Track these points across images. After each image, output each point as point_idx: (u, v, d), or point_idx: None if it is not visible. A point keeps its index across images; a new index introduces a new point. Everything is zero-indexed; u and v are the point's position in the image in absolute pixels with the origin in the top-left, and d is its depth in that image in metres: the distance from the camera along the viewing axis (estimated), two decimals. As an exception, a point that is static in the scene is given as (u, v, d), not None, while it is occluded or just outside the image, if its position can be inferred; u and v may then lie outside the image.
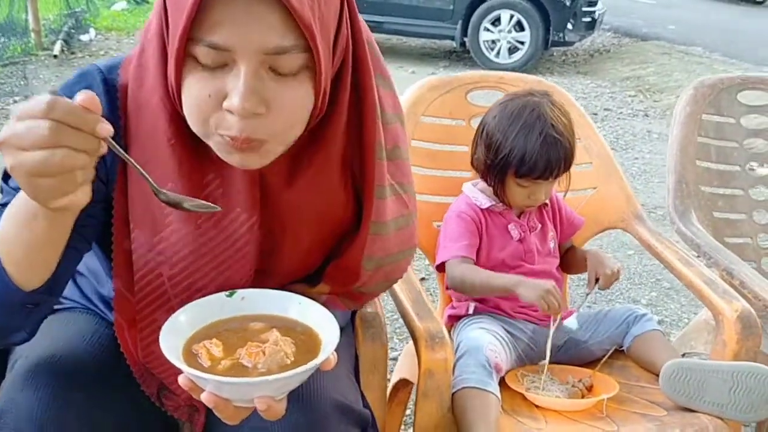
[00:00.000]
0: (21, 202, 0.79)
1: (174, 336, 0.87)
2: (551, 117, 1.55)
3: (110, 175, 0.94)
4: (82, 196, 0.73)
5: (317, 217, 0.98)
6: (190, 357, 0.85)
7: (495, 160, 1.57)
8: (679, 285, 3.03)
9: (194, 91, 0.82)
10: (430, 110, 1.80)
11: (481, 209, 1.63)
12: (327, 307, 0.95)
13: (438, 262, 1.62)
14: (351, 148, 0.97)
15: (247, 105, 0.79)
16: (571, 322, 1.58)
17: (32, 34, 6.89)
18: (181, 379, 0.82)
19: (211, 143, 0.86)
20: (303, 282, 1.04)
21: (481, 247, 1.61)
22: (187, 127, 0.87)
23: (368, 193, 0.98)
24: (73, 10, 8.63)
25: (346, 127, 0.95)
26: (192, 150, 0.89)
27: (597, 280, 1.57)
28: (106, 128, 0.71)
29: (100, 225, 0.94)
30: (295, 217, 0.97)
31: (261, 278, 0.99)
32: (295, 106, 0.84)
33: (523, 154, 1.52)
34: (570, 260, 1.72)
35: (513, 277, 1.54)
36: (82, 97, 0.70)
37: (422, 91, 1.80)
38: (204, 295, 0.93)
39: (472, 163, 1.65)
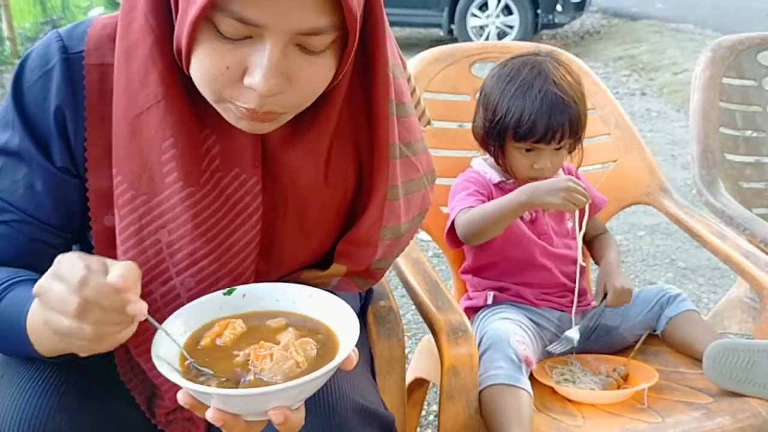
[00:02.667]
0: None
1: (167, 346, 0.75)
2: (553, 74, 1.42)
3: (79, 165, 0.87)
4: (122, 338, 0.74)
5: (320, 184, 0.90)
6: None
7: (493, 122, 1.44)
8: (695, 264, 2.94)
9: (210, 62, 0.75)
10: (433, 86, 1.67)
11: (492, 184, 1.50)
12: (339, 291, 0.88)
13: (447, 226, 1.48)
14: (356, 106, 0.89)
15: (271, 84, 0.74)
16: (572, 332, 1.43)
17: (7, 43, 6.74)
18: (180, 397, 0.73)
19: (220, 108, 0.80)
20: (313, 268, 0.96)
21: None
22: (182, 82, 0.81)
23: (383, 154, 0.90)
24: (49, 18, 8.47)
25: (350, 86, 0.87)
26: (188, 104, 0.82)
27: (605, 295, 1.44)
28: (138, 308, 0.71)
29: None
30: (298, 181, 0.89)
31: (266, 263, 0.91)
32: (318, 81, 0.80)
33: (521, 114, 1.39)
34: (596, 250, 1.57)
35: (522, 189, 1.38)
36: (114, 278, 0.69)
37: (423, 65, 1.67)
38: (205, 268, 0.86)
39: (473, 133, 1.52)
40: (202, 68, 0.76)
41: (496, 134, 1.44)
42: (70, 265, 0.71)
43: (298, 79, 0.76)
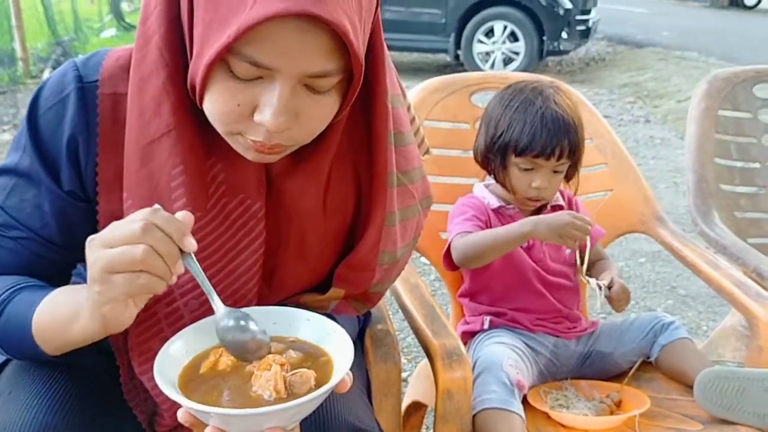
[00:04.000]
0: (65, 299, 0.83)
1: (169, 366, 0.79)
2: (554, 96, 1.48)
3: (88, 189, 0.91)
4: (128, 317, 0.78)
5: (320, 210, 0.94)
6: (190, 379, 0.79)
7: (494, 138, 1.49)
8: (695, 292, 2.95)
9: (222, 100, 0.80)
10: (433, 114, 1.71)
11: (490, 209, 1.53)
12: (337, 313, 0.91)
13: (445, 249, 1.51)
14: (357, 136, 0.93)
15: (280, 122, 0.78)
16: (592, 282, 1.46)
17: (20, 63, 6.84)
18: (180, 415, 0.77)
19: (230, 140, 0.85)
20: (312, 292, 0.99)
21: None
22: (193, 113, 0.85)
23: (381, 182, 0.94)
24: (61, 39, 8.59)
25: (351, 117, 0.91)
26: (197, 134, 0.86)
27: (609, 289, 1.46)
28: (192, 242, 0.77)
29: None
30: (299, 207, 0.93)
31: (268, 287, 0.95)
32: (323, 117, 0.84)
33: (522, 128, 1.45)
34: (595, 272, 1.59)
35: (525, 220, 1.43)
36: (181, 212, 0.78)
37: (424, 94, 1.71)
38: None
39: (475, 157, 1.56)
40: (214, 105, 0.80)
41: (497, 150, 1.49)
42: (132, 216, 0.76)
43: (304, 116, 0.80)
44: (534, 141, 1.44)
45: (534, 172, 1.47)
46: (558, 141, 1.44)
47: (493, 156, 1.50)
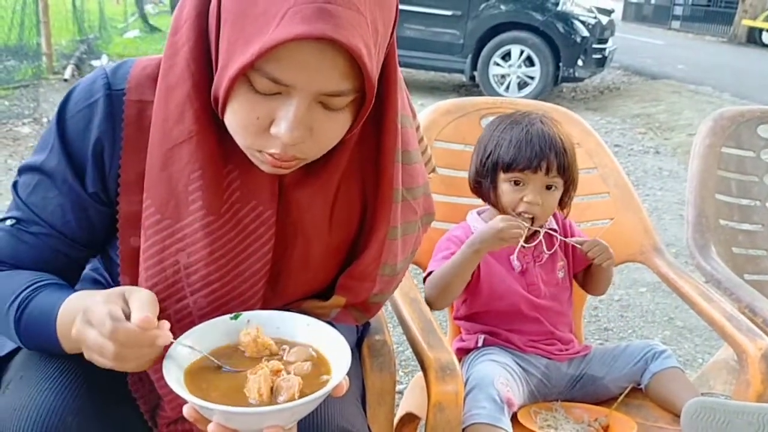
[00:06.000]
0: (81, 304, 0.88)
1: (176, 363, 0.83)
2: (540, 118, 1.53)
3: (111, 191, 0.96)
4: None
5: (326, 220, 0.99)
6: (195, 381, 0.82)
7: (483, 160, 1.53)
8: (693, 324, 2.98)
9: (243, 112, 0.84)
10: (443, 135, 1.76)
11: None
12: (338, 322, 0.96)
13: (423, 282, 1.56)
14: (366, 152, 0.98)
15: (294, 135, 0.83)
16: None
17: (44, 58, 6.94)
18: (185, 410, 0.81)
19: (248, 152, 0.89)
20: (315, 298, 1.04)
21: (481, 278, 1.54)
22: (214, 121, 0.89)
23: (387, 197, 0.99)
24: (86, 37, 8.73)
25: (361, 134, 0.96)
26: (216, 142, 0.91)
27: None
28: (165, 337, 0.83)
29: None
30: (307, 217, 0.98)
31: (273, 291, 0.99)
32: (335, 133, 0.89)
33: (508, 144, 1.49)
34: (587, 280, 1.64)
35: (469, 241, 1.47)
36: (138, 320, 0.81)
37: (435, 116, 1.76)
38: (217, 291, 0.93)
39: (470, 185, 1.60)
40: (235, 117, 0.85)
41: (487, 171, 1.53)
42: (97, 315, 0.82)
43: (318, 131, 0.85)
44: (519, 154, 1.47)
45: (524, 187, 1.50)
46: (544, 154, 1.47)
47: (483, 178, 1.54)
